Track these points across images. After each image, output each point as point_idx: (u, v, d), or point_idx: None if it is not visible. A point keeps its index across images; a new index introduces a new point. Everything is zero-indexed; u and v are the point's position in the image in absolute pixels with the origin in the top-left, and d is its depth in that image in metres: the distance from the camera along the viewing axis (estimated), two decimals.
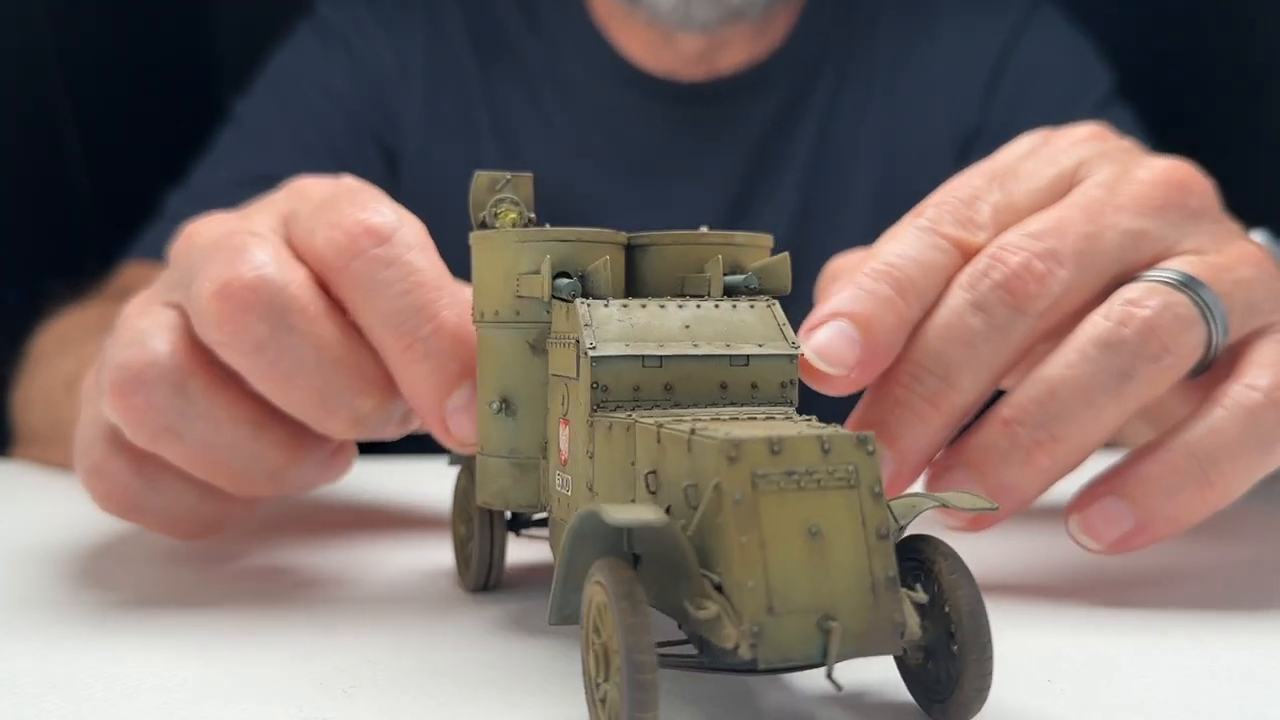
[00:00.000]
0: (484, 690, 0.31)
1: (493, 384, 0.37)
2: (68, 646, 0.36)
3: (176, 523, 0.43)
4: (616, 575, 0.25)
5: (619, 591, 0.25)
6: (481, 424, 0.38)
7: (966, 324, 0.39)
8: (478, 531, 0.41)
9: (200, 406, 0.39)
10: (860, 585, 0.25)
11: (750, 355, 0.33)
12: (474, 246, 0.38)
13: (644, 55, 0.86)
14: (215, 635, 0.37)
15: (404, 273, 0.38)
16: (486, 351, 0.37)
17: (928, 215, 0.42)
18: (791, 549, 0.25)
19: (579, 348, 0.33)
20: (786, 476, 0.26)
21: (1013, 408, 0.39)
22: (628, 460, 0.30)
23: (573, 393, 0.33)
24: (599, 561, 0.27)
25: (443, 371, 0.38)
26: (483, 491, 0.38)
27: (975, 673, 0.27)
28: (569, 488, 0.34)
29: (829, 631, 0.25)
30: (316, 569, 0.45)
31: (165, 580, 0.44)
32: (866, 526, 0.26)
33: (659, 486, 0.29)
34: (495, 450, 0.37)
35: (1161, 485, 0.38)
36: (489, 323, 0.37)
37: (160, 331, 0.40)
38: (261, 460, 0.41)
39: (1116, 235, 0.40)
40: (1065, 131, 0.47)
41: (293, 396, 0.39)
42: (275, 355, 0.38)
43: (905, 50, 0.88)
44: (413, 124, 0.87)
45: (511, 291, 0.36)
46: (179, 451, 0.40)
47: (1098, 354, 0.38)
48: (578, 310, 0.33)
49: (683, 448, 0.27)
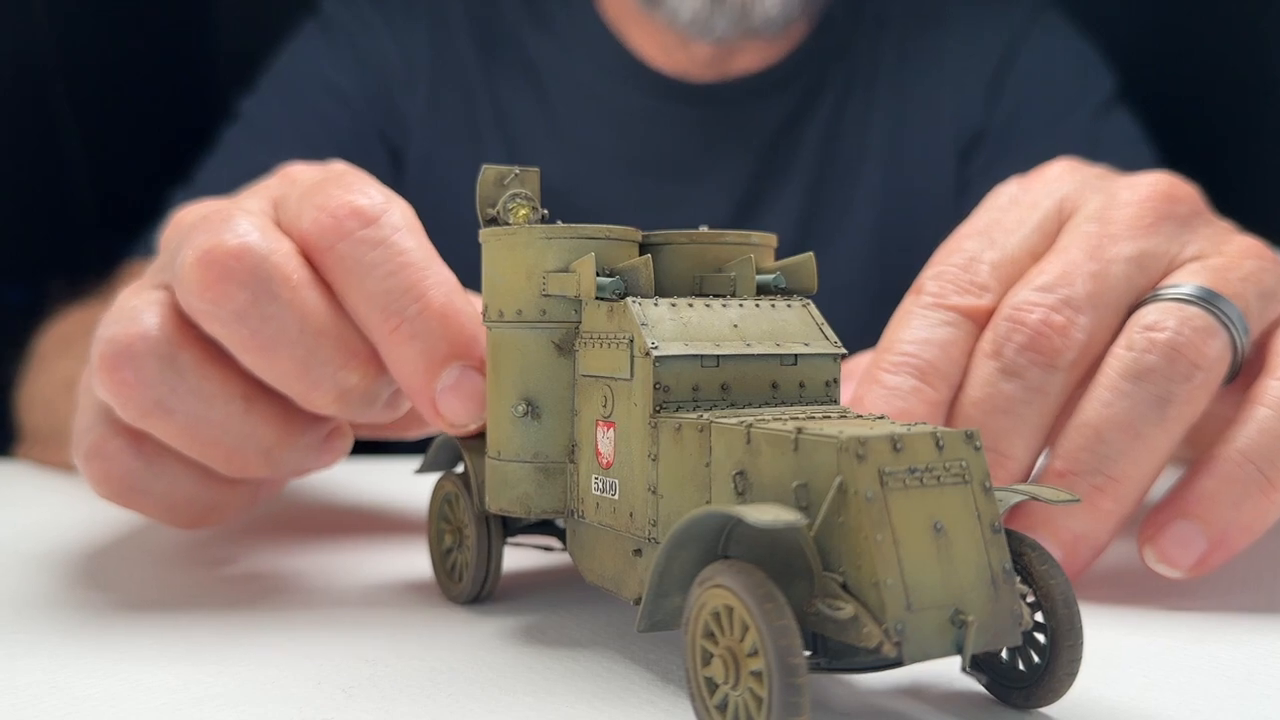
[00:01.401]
0: (485, 690, 0.31)
1: (514, 386, 0.36)
2: (68, 647, 0.35)
3: (174, 509, 0.42)
4: (751, 578, 0.25)
5: (761, 594, 0.24)
6: (497, 427, 0.36)
7: (1002, 392, 0.39)
8: (475, 540, 0.39)
9: (190, 381, 0.39)
10: (982, 579, 0.26)
11: (799, 354, 0.33)
12: (489, 243, 0.36)
13: (656, 55, 0.86)
14: (215, 635, 0.36)
15: (390, 254, 0.38)
16: (507, 352, 0.36)
17: (929, 291, 0.42)
18: (921, 545, 0.25)
19: (632, 348, 0.32)
20: (909, 474, 0.26)
21: (1064, 459, 0.39)
22: (701, 461, 0.30)
23: (622, 394, 0.33)
24: (718, 565, 0.26)
25: (431, 352, 0.38)
26: (498, 498, 0.36)
27: (1069, 658, 0.28)
28: (615, 491, 0.33)
29: (965, 625, 0.25)
30: (315, 571, 0.45)
31: (165, 581, 0.43)
32: (981, 521, 0.27)
33: (748, 487, 0.28)
34: (516, 455, 0.36)
35: (1225, 498, 0.38)
36: (510, 322, 0.36)
37: (150, 307, 0.39)
38: (253, 437, 0.40)
39: (1121, 266, 0.40)
40: (1038, 174, 0.48)
41: (276, 367, 0.38)
42: (257, 324, 0.37)
43: (910, 54, 0.88)
44: (417, 122, 0.87)
45: (537, 290, 0.35)
46: (170, 428, 0.39)
47: (1131, 387, 0.38)
48: (630, 309, 0.32)
49: (786, 447, 0.27)
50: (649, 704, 0.30)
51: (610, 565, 0.34)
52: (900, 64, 0.88)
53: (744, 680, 0.25)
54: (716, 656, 0.26)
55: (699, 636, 0.27)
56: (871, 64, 0.88)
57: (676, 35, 0.82)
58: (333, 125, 0.86)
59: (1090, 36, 0.91)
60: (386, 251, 0.38)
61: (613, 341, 0.33)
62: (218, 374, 0.39)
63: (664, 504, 0.31)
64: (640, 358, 0.32)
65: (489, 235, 0.36)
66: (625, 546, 0.33)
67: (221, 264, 0.37)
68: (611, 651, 0.34)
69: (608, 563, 0.34)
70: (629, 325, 0.32)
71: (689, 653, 0.27)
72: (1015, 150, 0.83)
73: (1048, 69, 0.87)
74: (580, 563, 0.36)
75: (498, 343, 0.36)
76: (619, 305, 0.33)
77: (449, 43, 0.88)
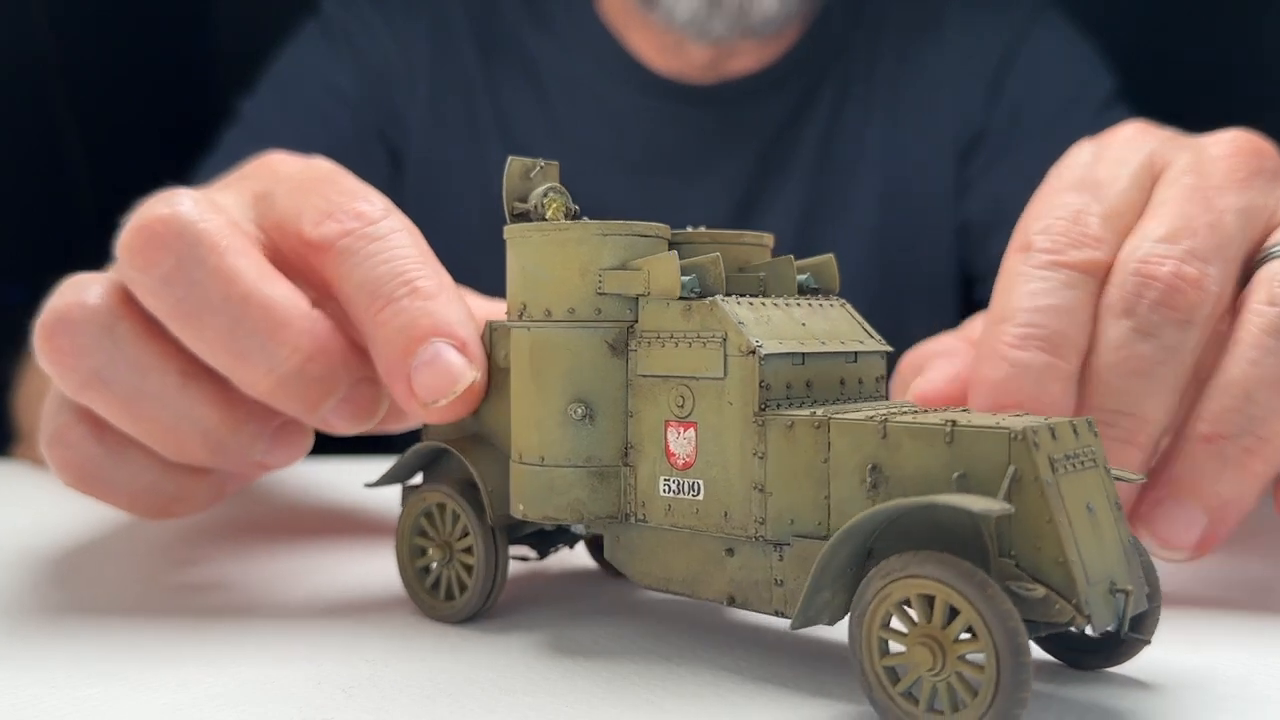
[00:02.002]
0: (485, 690, 0.31)
1: (565, 388, 0.34)
2: (67, 648, 0.35)
3: (137, 498, 0.41)
4: (960, 567, 0.26)
5: (978, 580, 0.25)
6: (538, 430, 0.34)
7: (1138, 354, 0.37)
8: (483, 553, 0.37)
9: (127, 352, 0.39)
10: (1121, 552, 0.29)
11: (859, 352, 0.35)
12: (530, 239, 0.35)
13: (654, 56, 0.86)
14: (215, 635, 0.36)
15: (387, 246, 0.38)
16: (554, 352, 0.34)
17: (1040, 247, 0.39)
18: (1082, 525, 0.28)
19: (725, 346, 0.32)
20: (1066, 460, 0.28)
21: (1210, 422, 0.37)
22: (818, 458, 0.30)
23: (707, 393, 0.32)
24: (906, 557, 0.27)
25: (412, 329, 0.37)
26: (542, 505, 0.35)
27: (1153, 619, 0.31)
28: (698, 491, 0.33)
29: (1125, 595, 0.28)
30: (315, 570, 0.45)
31: (164, 582, 0.43)
32: (1109, 499, 0.29)
33: (883, 480, 0.29)
34: (566, 459, 0.34)
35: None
36: (560, 322, 0.34)
37: (93, 283, 0.40)
38: (191, 417, 0.39)
39: (1233, 216, 0.39)
40: (1112, 134, 0.46)
41: (203, 336, 0.38)
42: (184, 290, 0.37)
43: (910, 53, 0.88)
44: (417, 122, 0.87)
45: (592, 288, 0.34)
46: (108, 401, 0.39)
47: (1277, 343, 0.37)
48: (722, 308, 0.32)
49: (936, 440, 0.28)
50: (649, 703, 0.30)
51: (682, 567, 0.33)
52: (899, 64, 0.88)
53: (950, 664, 0.26)
54: (915, 644, 0.27)
55: (877, 628, 0.27)
56: (869, 64, 0.88)
57: (673, 36, 0.83)
58: (332, 126, 0.85)
59: (1090, 36, 0.91)
60: (384, 244, 0.38)
61: (694, 340, 0.33)
62: (156, 347, 0.39)
63: (773, 501, 0.31)
64: (740, 356, 0.32)
65: (530, 230, 0.35)
66: (710, 546, 0.33)
67: (150, 229, 0.37)
68: (612, 652, 0.34)
69: (677, 565, 0.34)
70: (720, 324, 0.32)
71: (863, 646, 0.28)
72: (1015, 150, 0.85)
73: (1048, 69, 0.87)
74: (632, 566, 0.35)
75: (541, 343, 0.34)
76: (703, 304, 0.32)
77: (449, 43, 0.88)
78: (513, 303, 0.35)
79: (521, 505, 0.35)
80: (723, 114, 0.86)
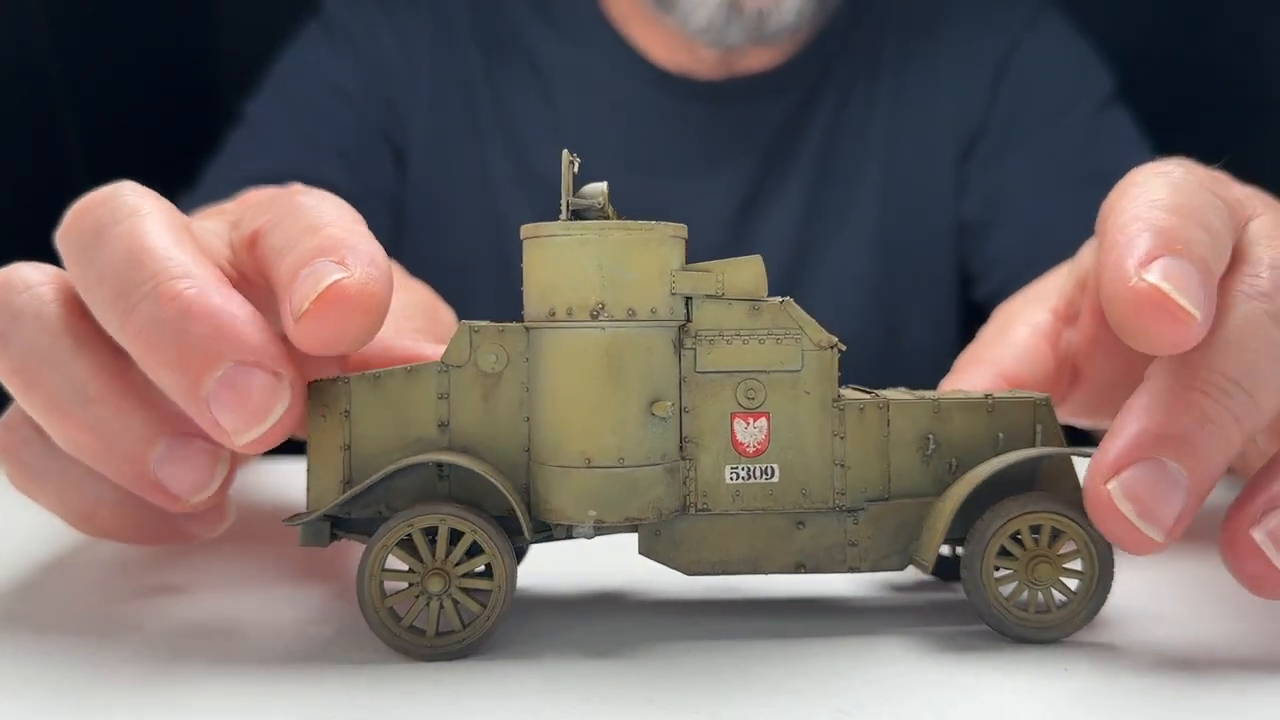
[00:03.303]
0: (488, 688, 0.32)
1: (644, 388, 0.34)
2: (67, 649, 0.35)
3: (65, 498, 0.40)
4: (1064, 501, 0.35)
5: (1080, 509, 0.35)
6: (624, 432, 0.34)
7: (1272, 338, 0.34)
8: (506, 573, 0.34)
9: (25, 314, 0.37)
10: None
11: None
12: (608, 237, 0.34)
13: (661, 54, 0.86)
14: (216, 635, 0.36)
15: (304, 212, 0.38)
16: (637, 352, 0.34)
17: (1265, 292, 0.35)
18: None
19: (802, 342, 0.36)
20: None
21: None
22: (882, 434, 0.37)
23: (781, 385, 0.36)
24: (1022, 498, 0.35)
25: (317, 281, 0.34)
26: (622, 508, 0.34)
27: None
28: (774, 475, 0.36)
29: None
30: (315, 570, 0.44)
31: (163, 584, 0.42)
32: None
33: (937, 446, 0.37)
34: (647, 458, 0.35)
35: None
36: (642, 322, 0.34)
37: (40, 268, 0.39)
38: (76, 383, 0.36)
39: None
40: (1168, 164, 0.39)
41: (101, 296, 0.36)
42: (94, 252, 0.36)
43: (912, 53, 0.88)
44: (421, 123, 0.87)
45: (666, 288, 0.35)
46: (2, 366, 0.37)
47: None
48: (797, 308, 0.36)
49: (980, 411, 0.37)
50: (649, 703, 0.31)
51: (743, 548, 0.36)
52: (902, 62, 0.88)
53: (1056, 573, 0.35)
54: (1028, 561, 0.35)
55: (993, 557, 0.35)
56: (874, 62, 0.88)
57: (685, 40, 0.82)
58: (336, 126, 0.86)
59: (1089, 36, 0.91)
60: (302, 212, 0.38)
61: (766, 337, 0.36)
62: (61, 310, 0.37)
63: (851, 474, 0.36)
64: (818, 351, 0.36)
65: (611, 228, 0.34)
66: (777, 524, 0.36)
67: (85, 201, 0.38)
68: (613, 651, 0.35)
69: (737, 547, 0.36)
70: (794, 321, 0.36)
71: (982, 572, 0.35)
72: (1014, 149, 0.86)
73: (1047, 69, 0.88)
74: (679, 557, 0.36)
75: (622, 342, 0.34)
76: (774, 304, 0.36)
77: (452, 42, 0.88)
78: (556, 301, 0.34)
79: (594, 511, 0.34)
80: (728, 111, 0.84)
